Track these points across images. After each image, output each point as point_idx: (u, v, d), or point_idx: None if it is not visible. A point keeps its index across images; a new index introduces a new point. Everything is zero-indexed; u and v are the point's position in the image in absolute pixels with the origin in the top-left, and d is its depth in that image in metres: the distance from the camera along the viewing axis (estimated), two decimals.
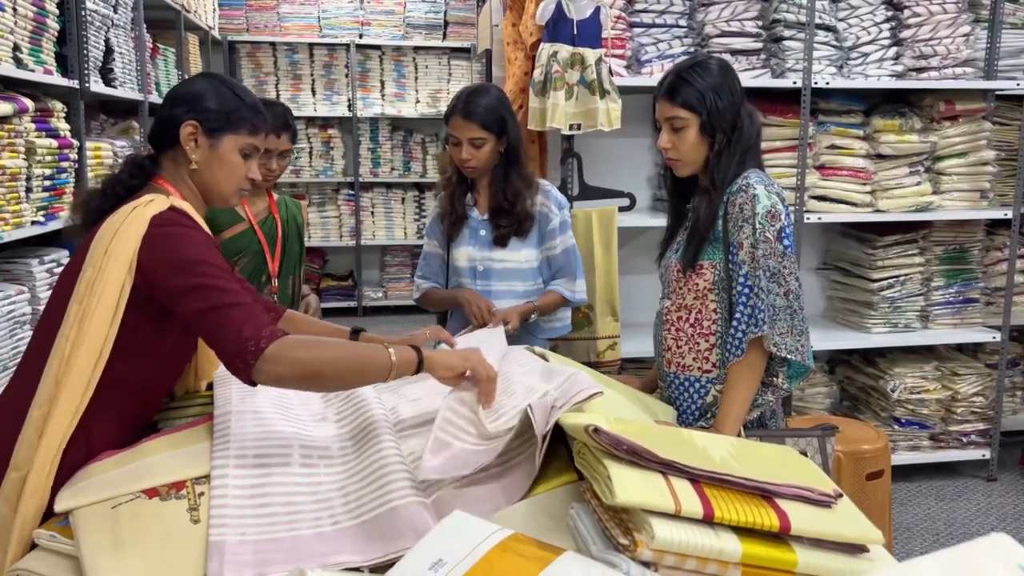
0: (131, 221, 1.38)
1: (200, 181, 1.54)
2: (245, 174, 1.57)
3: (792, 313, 1.84)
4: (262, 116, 1.58)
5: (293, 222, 2.63)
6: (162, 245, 1.37)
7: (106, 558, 1.12)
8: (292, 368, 1.30)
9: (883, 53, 3.36)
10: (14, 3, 2.63)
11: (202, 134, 1.51)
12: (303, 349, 1.32)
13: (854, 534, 1.06)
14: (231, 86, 1.56)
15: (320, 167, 6.71)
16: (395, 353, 1.37)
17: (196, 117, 1.50)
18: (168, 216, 1.41)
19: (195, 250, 1.38)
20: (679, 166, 1.95)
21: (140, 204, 1.41)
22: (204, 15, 5.75)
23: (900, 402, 3.54)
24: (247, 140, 1.55)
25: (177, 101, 1.53)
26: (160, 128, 1.54)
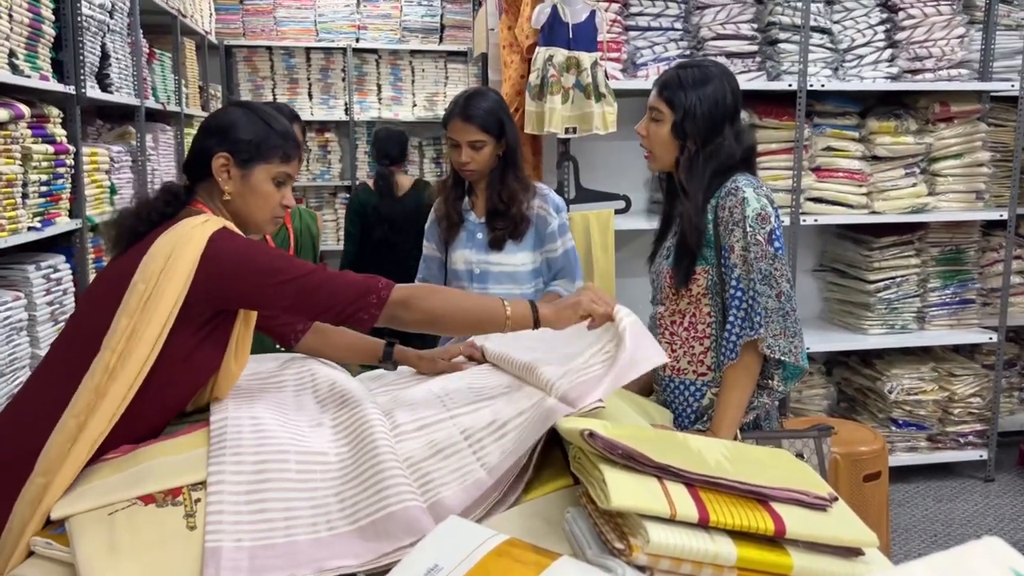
0: (189, 238, 1.40)
1: (234, 210, 1.56)
2: (279, 202, 1.58)
3: (785, 315, 1.84)
4: (293, 143, 1.59)
5: (307, 233, 2.62)
6: (231, 256, 1.40)
7: (102, 565, 1.11)
8: (419, 313, 1.46)
9: (878, 55, 3.37)
10: (10, 9, 2.63)
11: (234, 165, 1.53)
12: (428, 296, 1.49)
13: (849, 537, 1.06)
14: (262, 114, 1.57)
15: (317, 171, 6.71)
16: (511, 308, 1.47)
17: (228, 148, 1.52)
18: (226, 232, 1.44)
19: (268, 253, 1.46)
20: (650, 159, 1.99)
21: (197, 223, 1.43)
22: (201, 20, 5.76)
23: (897, 403, 3.54)
24: (279, 169, 1.56)
25: (209, 132, 1.55)
26: (194, 159, 1.56)
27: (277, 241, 2.50)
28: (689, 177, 1.92)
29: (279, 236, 2.52)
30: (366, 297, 1.43)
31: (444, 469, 1.32)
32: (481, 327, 1.52)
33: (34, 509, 1.27)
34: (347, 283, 1.45)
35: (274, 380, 1.68)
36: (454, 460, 1.35)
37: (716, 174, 1.89)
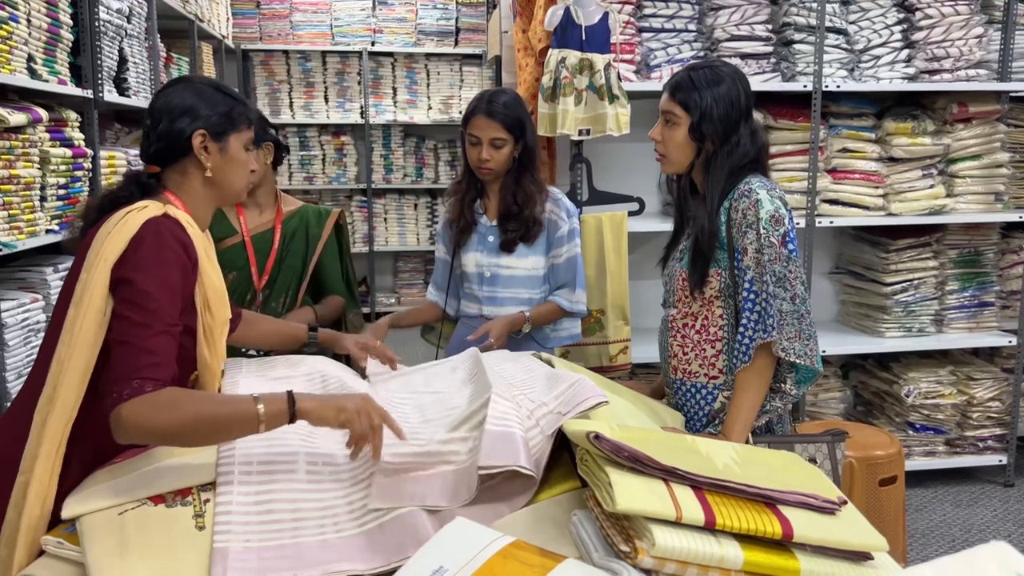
0: (123, 225, 1.40)
1: (215, 185, 1.56)
2: (251, 168, 1.61)
3: (799, 317, 1.83)
4: (250, 107, 1.63)
5: (302, 236, 2.49)
6: (134, 258, 1.37)
7: (111, 564, 1.13)
8: (145, 434, 1.29)
9: (895, 55, 3.34)
10: (28, 14, 2.67)
11: (211, 140, 1.53)
12: (156, 410, 1.27)
13: (858, 541, 1.05)
14: (216, 85, 1.59)
15: (333, 174, 6.74)
16: (264, 408, 1.30)
17: (201, 125, 1.52)
18: (156, 225, 1.40)
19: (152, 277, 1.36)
20: (664, 162, 1.97)
21: (135, 209, 1.43)
22: (218, 24, 5.80)
23: (915, 407, 3.50)
24: (247, 134, 1.59)
25: (175, 115, 1.53)
26: (166, 145, 1.53)
27: (258, 244, 2.42)
28: (706, 178, 1.91)
29: (262, 239, 2.43)
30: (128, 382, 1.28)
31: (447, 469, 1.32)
32: (231, 433, 1.34)
33: (19, 510, 1.27)
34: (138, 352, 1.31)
35: (284, 380, 1.69)
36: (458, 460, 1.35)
37: (732, 174, 1.89)
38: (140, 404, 1.27)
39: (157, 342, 1.33)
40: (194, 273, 1.45)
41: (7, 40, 2.52)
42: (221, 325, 1.56)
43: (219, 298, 1.54)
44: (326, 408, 1.33)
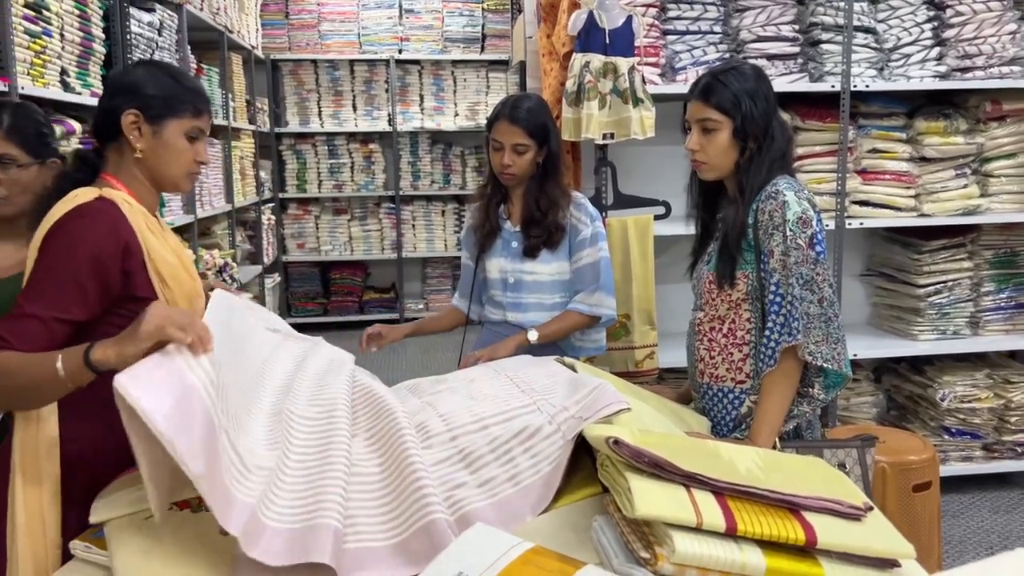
0: (51, 215, 1.42)
1: (147, 169, 1.54)
2: (193, 158, 1.57)
3: (827, 321, 1.80)
4: (204, 98, 1.59)
5: None
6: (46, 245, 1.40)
7: (138, 568, 1.14)
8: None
9: (925, 54, 3.28)
10: (62, 29, 2.73)
11: (144, 122, 1.51)
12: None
13: (883, 548, 1.04)
14: (170, 71, 1.57)
15: (362, 181, 6.80)
16: (62, 364, 1.25)
17: (136, 105, 1.50)
18: (80, 212, 1.41)
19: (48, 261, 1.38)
20: (705, 169, 1.93)
21: (66, 199, 1.44)
22: (247, 35, 5.89)
23: (950, 411, 3.44)
24: (191, 123, 1.55)
25: (115, 91, 1.52)
26: (102, 120, 1.54)
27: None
28: (744, 176, 1.89)
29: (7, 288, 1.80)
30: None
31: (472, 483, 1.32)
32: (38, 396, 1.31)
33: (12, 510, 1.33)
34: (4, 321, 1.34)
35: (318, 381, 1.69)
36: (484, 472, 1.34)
37: (770, 169, 1.87)
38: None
39: (17, 323, 1.33)
40: (131, 254, 1.44)
41: (41, 54, 2.58)
42: (186, 297, 1.54)
43: (176, 271, 1.53)
44: (124, 346, 1.22)
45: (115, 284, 1.44)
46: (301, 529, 1.15)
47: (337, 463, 1.30)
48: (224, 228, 5.27)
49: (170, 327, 1.19)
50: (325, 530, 1.14)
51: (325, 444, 1.37)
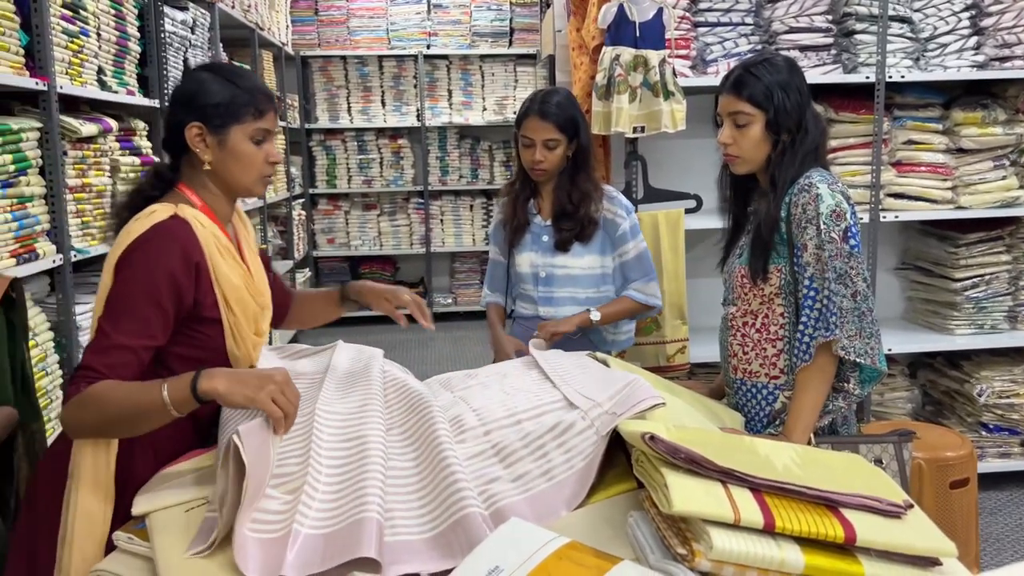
0: (126, 232, 1.43)
1: (219, 179, 1.53)
2: (264, 160, 1.54)
3: (861, 315, 1.78)
4: (264, 96, 1.53)
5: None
6: (125, 264, 1.41)
7: (178, 560, 1.16)
8: (75, 430, 1.35)
9: (963, 43, 3.22)
10: (98, 28, 2.77)
11: (208, 133, 1.49)
12: (83, 411, 1.31)
13: (924, 546, 1.02)
14: (226, 73, 1.53)
15: (390, 177, 6.83)
16: (168, 394, 1.28)
17: (198, 117, 1.48)
18: (157, 231, 1.42)
19: (128, 286, 1.39)
20: (738, 163, 1.92)
21: (143, 215, 1.45)
22: (277, 32, 5.93)
23: (988, 407, 3.38)
24: (255, 126, 1.51)
25: (177, 104, 1.51)
26: (169, 135, 1.53)
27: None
28: (777, 169, 1.87)
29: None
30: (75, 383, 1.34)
31: (507, 477, 1.32)
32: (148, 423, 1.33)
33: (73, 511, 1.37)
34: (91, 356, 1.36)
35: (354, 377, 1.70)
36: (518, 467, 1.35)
37: (803, 161, 1.86)
38: (70, 406, 1.32)
39: (109, 355, 1.35)
40: (200, 276, 1.45)
41: (79, 53, 2.63)
42: (250, 321, 1.55)
43: (241, 294, 1.52)
44: (236, 391, 1.27)
45: (187, 305, 1.45)
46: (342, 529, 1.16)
47: (374, 457, 1.31)
48: (256, 224, 5.33)
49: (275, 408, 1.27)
50: (368, 523, 1.15)
51: (360, 439, 1.38)
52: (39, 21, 2.37)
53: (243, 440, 1.20)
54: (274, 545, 1.15)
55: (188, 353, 1.48)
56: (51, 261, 2.41)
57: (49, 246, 2.42)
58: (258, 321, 1.59)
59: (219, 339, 1.52)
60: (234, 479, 1.20)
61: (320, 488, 1.26)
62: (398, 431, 1.51)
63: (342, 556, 1.11)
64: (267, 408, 1.27)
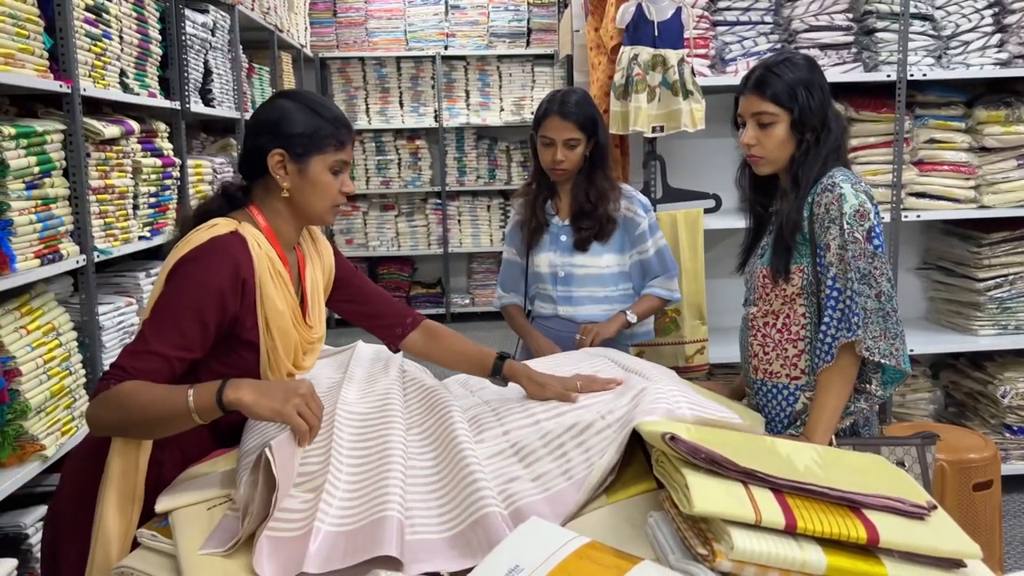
0: (186, 241, 1.45)
1: (292, 205, 1.55)
2: (338, 190, 1.56)
3: (885, 316, 1.77)
4: (346, 129, 1.56)
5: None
6: (178, 274, 1.42)
7: (200, 557, 1.17)
8: (97, 426, 1.36)
9: (986, 41, 3.19)
10: (120, 31, 2.80)
11: (289, 160, 1.51)
12: (107, 408, 1.32)
13: (948, 548, 1.01)
14: (310, 103, 1.54)
15: (408, 177, 6.85)
16: (193, 401, 1.29)
17: (281, 144, 1.50)
18: (215, 244, 1.43)
19: (176, 297, 1.40)
20: (761, 164, 1.90)
21: (204, 227, 1.46)
22: (296, 34, 5.97)
23: (1012, 408, 3.34)
24: (335, 157, 1.54)
25: (260, 130, 1.52)
26: (248, 159, 1.55)
27: None
28: (801, 168, 1.86)
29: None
30: (104, 380, 1.35)
31: (526, 477, 1.32)
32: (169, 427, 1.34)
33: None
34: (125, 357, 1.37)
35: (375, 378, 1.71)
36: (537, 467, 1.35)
37: (825, 161, 1.84)
38: (96, 402, 1.34)
39: (141, 359, 1.36)
40: (245, 294, 1.45)
41: (102, 56, 2.66)
42: (289, 353, 1.55)
43: (284, 321, 1.52)
44: (261, 402, 1.28)
45: (228, 323, 1.46)
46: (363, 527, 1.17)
47: (394, 457, 1.32)
48: None
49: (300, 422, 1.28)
50: (390, 522, 1.15)
51: (381, 438, 1.39)
52: (63, 24, 2.40)
53: (275, 455, 1.20)
54: (293, 544, 1.15)
55: (223, 371, 1.47)
56: (74, 262, 2.44)
57: (73, 247, 2.44)
58: (298, 355, 1.59)
59: (253, 364, 1.52)
60: (262, 490, 1.20)
61: (341, 487, 1.26)
62: (417, 431, 1.51)
63: (363, 554, 1.11)
64: (293, 421, 1.27)
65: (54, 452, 2.22)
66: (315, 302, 1.64)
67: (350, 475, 1.30)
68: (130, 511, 1.38)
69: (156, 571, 1.22)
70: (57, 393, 2.29)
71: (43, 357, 2.25)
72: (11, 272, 2.13)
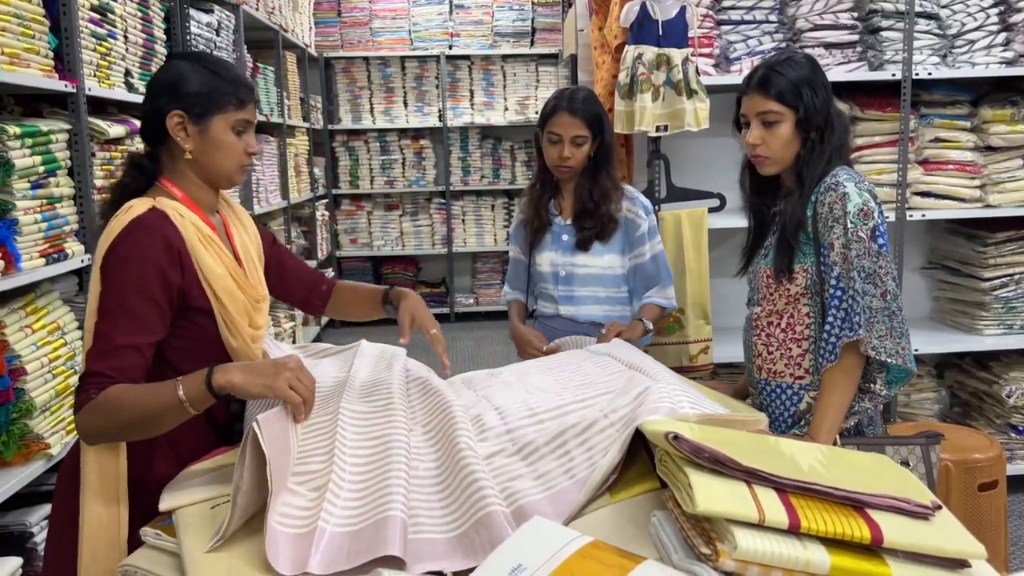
0: (106, 234, 1.43)
1: (199, 168, 1.52)
2: (243, 150, 1.54)
3: (891, 315, 1.76)
4: (246, 88, 1.53)
5: None
6: (109, 264, 1.40)
7: (204, 556, 1.17)
8: (91, 437, 1.35)
9: (991, 39, 3.18)
10: (125, 31, 2.81)
11: (189, 121, 1.47)
12: (97, 417, 1.31)
13: (953, 548, 1.01)
14: (208, 64, 1.51)
15: (413, 177, 6.86)
16: (184, 392, 1.29)
17: (179, 106, 1.47)
18: (136, 225, 1.41)
19: (119, 287, 1.39)
20: (766, 164, 1.89)
21: (120, 213, 1.44)
22: (301, 34, 5.98)
23: (1017, 408, 3.33)
24: (236, 116, 1.51)
25: (157, 92, 1.49)
26: (147, 124, 1.52)
27: None
28: (805, 167, 1.85)
29: None
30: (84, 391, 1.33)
31: (529, 475, 1.32)
32: (165, 423, 1.33)
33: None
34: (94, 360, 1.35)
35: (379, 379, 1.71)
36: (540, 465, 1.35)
37: (830, 160, 1.84)
38: (85, 414, 1.32)
39: (115, 357, 1.34)
40: (184, 265, 1.44)
41: (107, 56, 2.66)
42: (241, 313, 1.53)
43: (226, 282, 1.50)
44: (253, 381, 1.29)
45: (175, 296, 1.45)
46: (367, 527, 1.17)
47: (398, 456, 1.32)
48: (280, 224, 5.37)
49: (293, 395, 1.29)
50: (393, 522, 1.15)
51: (384, 438, 1.39)
52: (68, 24, 2.41)
53: (262, 429, 1.20)
54: (302, 540, 1.15)
55: (185, 345, 1.46)
56: (79, 261, 2.44)
57: (78, 246, 2.45)
58: (251, 314, 1.57)
59: (212, 329, 1.50)
60: (250, 468, 1.20)
61: (344, 487, 1.26)
62: (421, 430, 1.51)
63: (367, 554, 1.11)
64: (285, 395, 1.28)
65: (59, 451, 2.23)
66: (249, 262, 1.63)
67: (353, 475, 1.30)
68: (116, 512, 1.38)
69: (160, 570, 1.22)
70: (62, 392, 2.30)
71: (48, 356, 2.25)
72: (16, 271, 2.14)
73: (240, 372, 1.30)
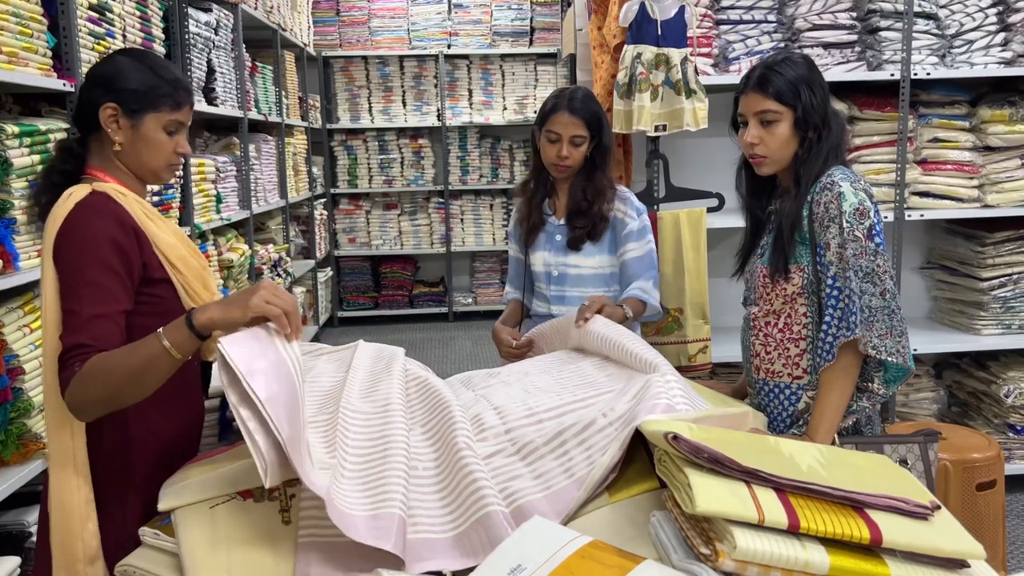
0: (52, 221, 1.44)
1: (127, 161, 1.54)
2: (173, 150, 1.56)
3: (890, 313, 1.76)
4: (184, 91, 1.55)
5: None
6: (63, 247, 1.41)
7: (203, 555, 1.17)
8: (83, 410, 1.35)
9: (990, 39, 3.18)
10: (124, 30, 2.80)
11: (123, 115, 1.50)
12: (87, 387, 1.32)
13: (952, 547, 1.01)
14: (150, 62, 1.54)
15: (411, 176, 6.86)
16: (168, 340, 1.30)
17: (114, 99, 1.49)
18: (82, 207, 1.42)
19: (77, 266, 1.40)
20: (764, 163, 1.89)
21: (62, 200, 1.45)
22: (300, 33, 5.97)
23: (1015, 408, 3.33)
24: (170, 117, 1.53)
25: (95, 83, 1.52)
26: (81, 112, 1.54)
27: None
28: (803, 166, 1.85)
29: None
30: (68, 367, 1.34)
31: (528, 475, 1.32)
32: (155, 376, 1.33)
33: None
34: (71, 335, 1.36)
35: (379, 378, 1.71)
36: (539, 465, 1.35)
37: (827, 159, 1.84)
38: (74, 389, 1.32)
39: (89, 327, 1.35)
40: (139, 239, 1.46)
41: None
42: (196, 276, 1.56)
43: (180, 251, 1.53)
44: (231, 310, 1.29)
45: (137, 269, 1.46)
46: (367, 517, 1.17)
47: (397, 455, 1.32)
48: (278, 223, 5.37)
49: (275, 307, 1.28)
50: (390, 519, 1.15)
51: (383, 437, 1.39)
52: (66, 23, 2.40)
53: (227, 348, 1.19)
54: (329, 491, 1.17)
55: (151, 323, 1.45)
56: None
57: None
58: (204, 278, 1.60)
59: (175, 300, 1.52)
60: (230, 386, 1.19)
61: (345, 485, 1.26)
62: (419, 430, 1.51)
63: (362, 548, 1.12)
64: (264, 310, 1.28)
65: None
66: (185, 236, 1.65)
67: (352, 473, 1.30)
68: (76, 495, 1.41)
69: (159, 570, 1.22)
70: None
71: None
72: (14, 271, 2.14)
73: (217, 307, 1.31)
